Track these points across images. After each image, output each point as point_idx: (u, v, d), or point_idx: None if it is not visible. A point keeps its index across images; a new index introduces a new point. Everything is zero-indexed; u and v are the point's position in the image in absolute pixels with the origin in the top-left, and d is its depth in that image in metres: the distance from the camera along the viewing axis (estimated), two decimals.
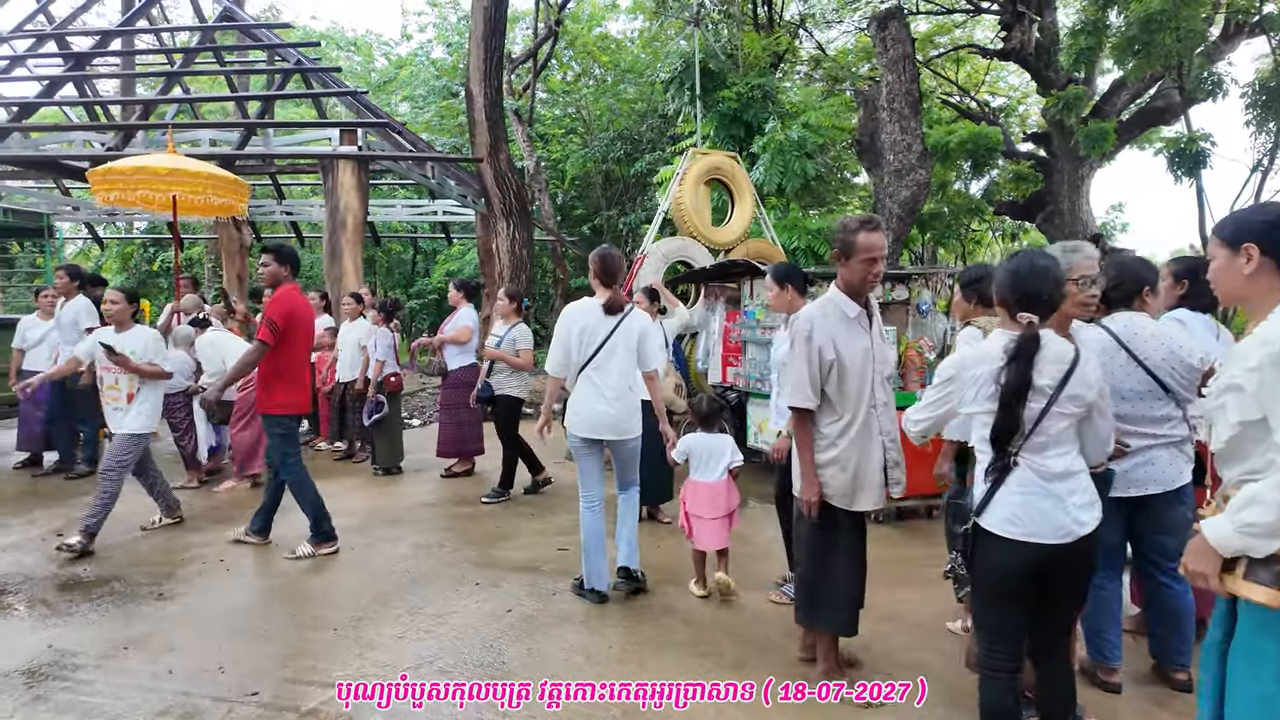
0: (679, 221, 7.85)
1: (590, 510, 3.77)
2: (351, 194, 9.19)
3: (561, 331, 3.69)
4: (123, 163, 5.39)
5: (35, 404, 6.37)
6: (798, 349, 2.70)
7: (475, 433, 6.53)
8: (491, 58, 8.79)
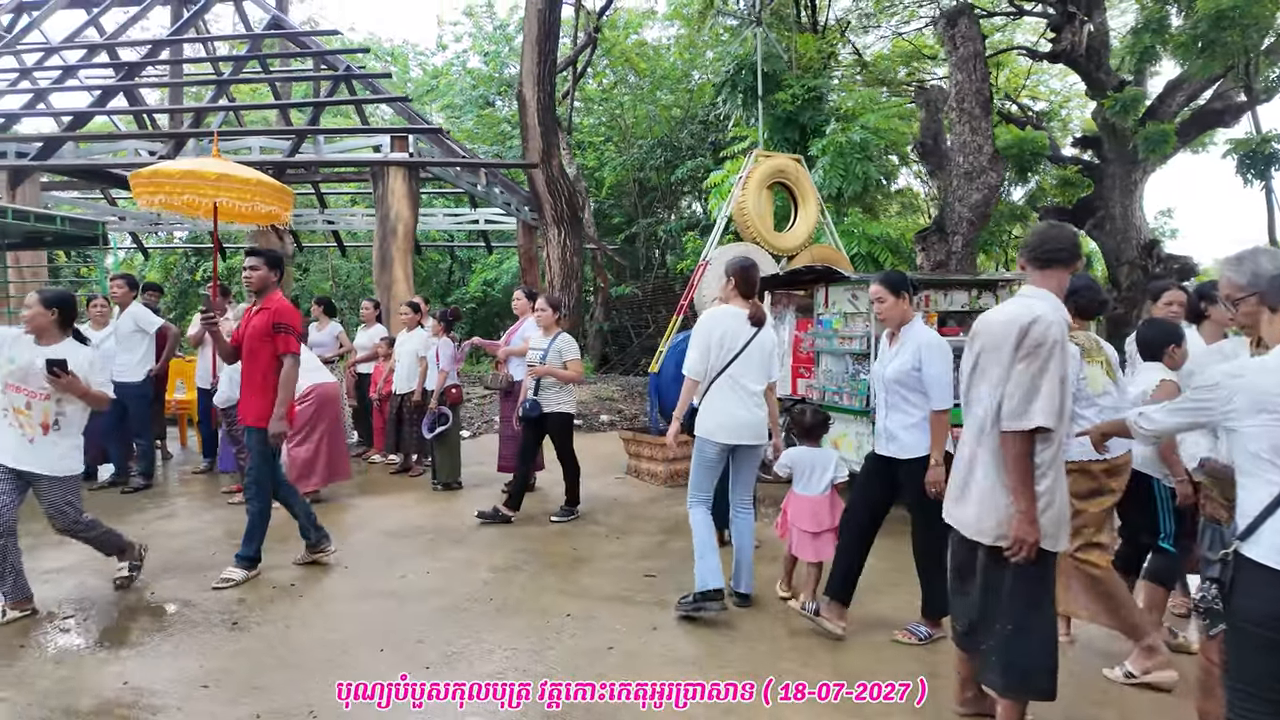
0: (741, 226, 7.55)
1: (704, 508, 3.73)
2: (402, 201, 9.03)
3: (703, 335, 3.68)
4: (170, 166, 5.16)
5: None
6: (1055, 361, 2.29)
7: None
8: (545, 61, 8.58)
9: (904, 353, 3.27)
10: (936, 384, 3.20)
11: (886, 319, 3.38)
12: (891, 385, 3.32)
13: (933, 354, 3.22)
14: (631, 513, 5.65)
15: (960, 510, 2.49)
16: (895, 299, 3.32)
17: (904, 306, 3.33)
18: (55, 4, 12.07)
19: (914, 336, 3.30)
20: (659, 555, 4.59)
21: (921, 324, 3.36)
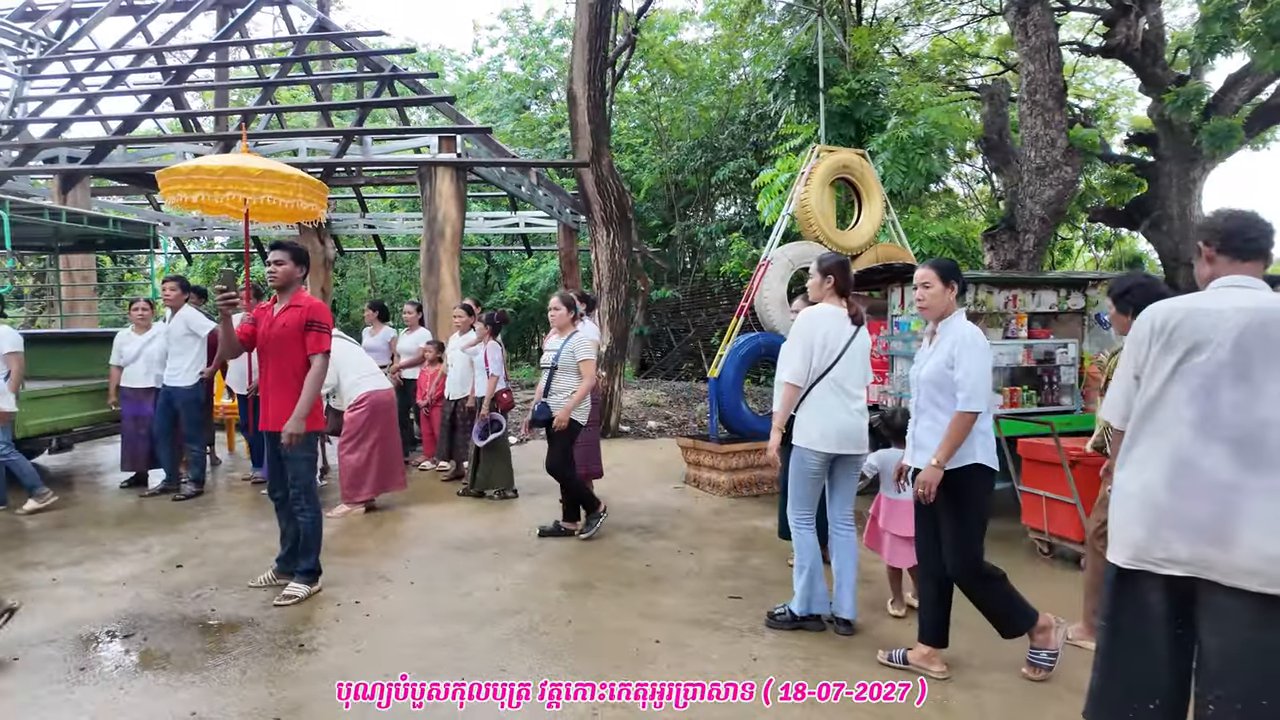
0: (804, 224, 7.22)
1: (810, 528, 3.43)
2: (450, 203, 8.85)
3: (804, 337, 3.38)
4: (212, 162, 4.96)
5: (137, 421, 6.11)
6: None
7: (596, 454, 6.01)
8: (596, 58, 8.35)
9: (940, 350, 2.93)
10: (969, 382, 2.81)
11: (929, 309, 3.00)
12: (925, 386, 2.98)
13: (969, 350, 2.84)
14: (700, 526, 5.35)
15: (1226, 554, 1.81)
16: (943, 287, 2.97)
17: (949, 298, 2.98)
18: (104, 11, 12.18)
19: (951, 331, 2.94)
20: (739, 574, 4.29)
21: (962, 319, 2.99)
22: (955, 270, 3.03)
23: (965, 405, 2.81)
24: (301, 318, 3.76)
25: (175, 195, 5.03)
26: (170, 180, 4.98)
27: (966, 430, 2.83)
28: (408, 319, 7.66)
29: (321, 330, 3.79)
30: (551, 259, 17.53)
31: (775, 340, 6.89)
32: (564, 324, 5.04)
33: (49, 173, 8.55)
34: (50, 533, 5.10)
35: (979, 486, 2.91)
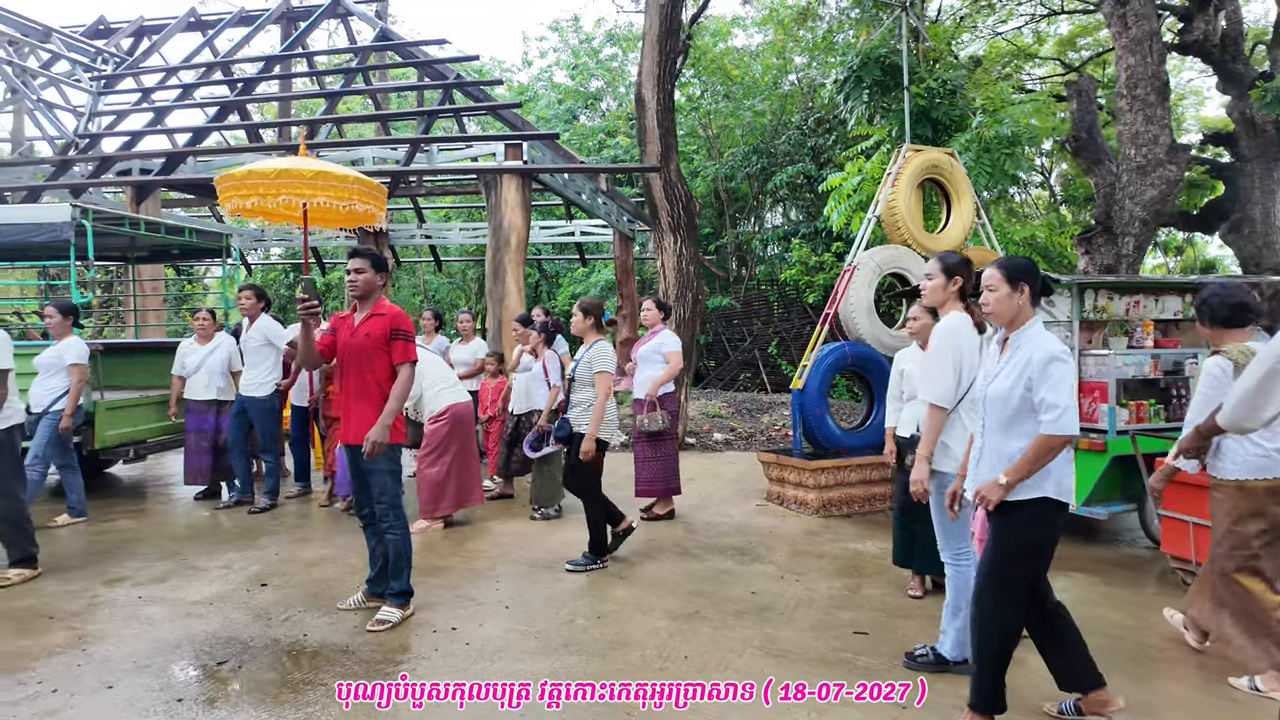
0: (891, 227, 6.86)
1: (970, 563, 3.08)
2: (515, 211, 8.70)
3: (954, 352, 2.99)
4: (264, 165, 4.73)
5: (198, 435, 6.00)
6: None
7: (675, 468, 5.72)
8: (666, 60, 8.13)
9: (1013, 364, 2.55)
10: (1058, 401, 2.42)
11: (995, 314, 2.62)
12: (993, 405, 2.60)
13: (1052, 367, 2.44)
14: (795, 548, 5.01)
15: None
16: (1010, 290, 2.57)
17: (1018, 303, 2.58)
18: (174, 27, 12.43)
19: (1026, 344, 2.55)
20: (856, 604, 3.95)
21: (1039, 329, 2.58)
22: (1027, 271, 2.60)
23: (1055, 427, 2.41)
24: (386, 326, 3.60)
25: (231, 202, 4.81)
26: (226, 187, 4.80)
27: (1051, 456, 2.45)
28: (462, 328, 7.34)
29: (408, 339, 3.64)
30: (603, 268, 17.36)
31: (862, 350, 6.54)
32: (583, 331, 4.71)
33: (124, 184, 8.65)
34: (128, 546, 5.01)
35: (1043, 523, 2.53)
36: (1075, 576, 4.37)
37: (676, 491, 5.79)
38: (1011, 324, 2.60)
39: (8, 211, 5.66)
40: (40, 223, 5.43)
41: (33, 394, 5.17)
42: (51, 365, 5.17)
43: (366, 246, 3.75)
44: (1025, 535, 2.53)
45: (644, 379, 5.64)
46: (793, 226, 16.14)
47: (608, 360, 4.53)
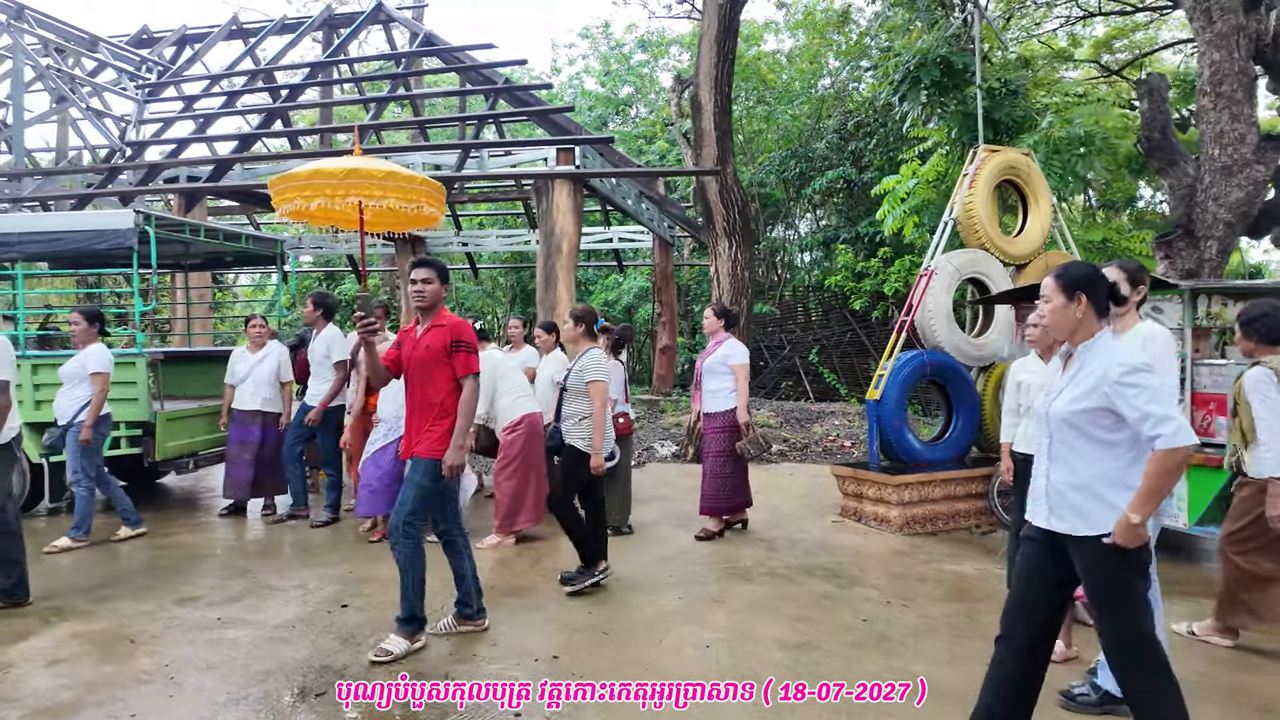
0: (968, 231, 6.59)
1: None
2: (567, 217, 8.53)
3: (1171, 360, 2.81)
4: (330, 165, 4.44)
5: (242, 447, 5.83)
6: None
7: (745, 482, 5.47)
8: (724, 61, 7.93)
9: (1082, 380, 2.29)
10: (1162, 410, 2.14)
11: (1051, 326, 2.39)
12: (1059, 426, 2.34)
13: (1142, 375, 2.17)
14: (891, 570, 4.74)
15: None
16: (1065, 300, 2.32)
17: (1076, 314, 2.31)
18: (216, 36, 12.43)
19: (1097, 356, 2.29)
20: (981, 633, 3.67)
21: (1109, 339, 2.33)
22: (1085, 280, 2.32)
23: (1174, 440, 2.10)
24: (446, 338, 3.41)
25: (290, 204, 4.45)
26: (286, 188, 4.45)
27: (1176, 476, 2.15)
28: (513, 335, 7.01)
29: (470, 351, 3.43)
30: (636, 275, 17.17)
31: (942, 359, 6.26)
32: (574, 339, 4.46)
33: (173, 191, 8.59)
34: (195, 562, 4.84)
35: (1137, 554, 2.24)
36: (1203, 602, 4.07)
37: (748, 504, 5.57)
38: (1073, 337, 2.35)
39: (71, 218, 5.56)
40: (104, 229, 5.32)
41: (57, 405, 5.00)
42: (75, 375, 4.97)
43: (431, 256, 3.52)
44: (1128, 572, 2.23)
45: (714, 393, 5.38)
46: (832, 232, 15.85)
47: (600, 369, 4.25)
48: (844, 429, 9.98)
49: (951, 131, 9.31)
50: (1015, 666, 2.38)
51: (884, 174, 14.87)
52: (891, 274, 12.06)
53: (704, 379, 5.46)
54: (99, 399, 4.91)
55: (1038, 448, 2.46)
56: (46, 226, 5.44)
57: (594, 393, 4.18)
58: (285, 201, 4.52)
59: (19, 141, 9.83)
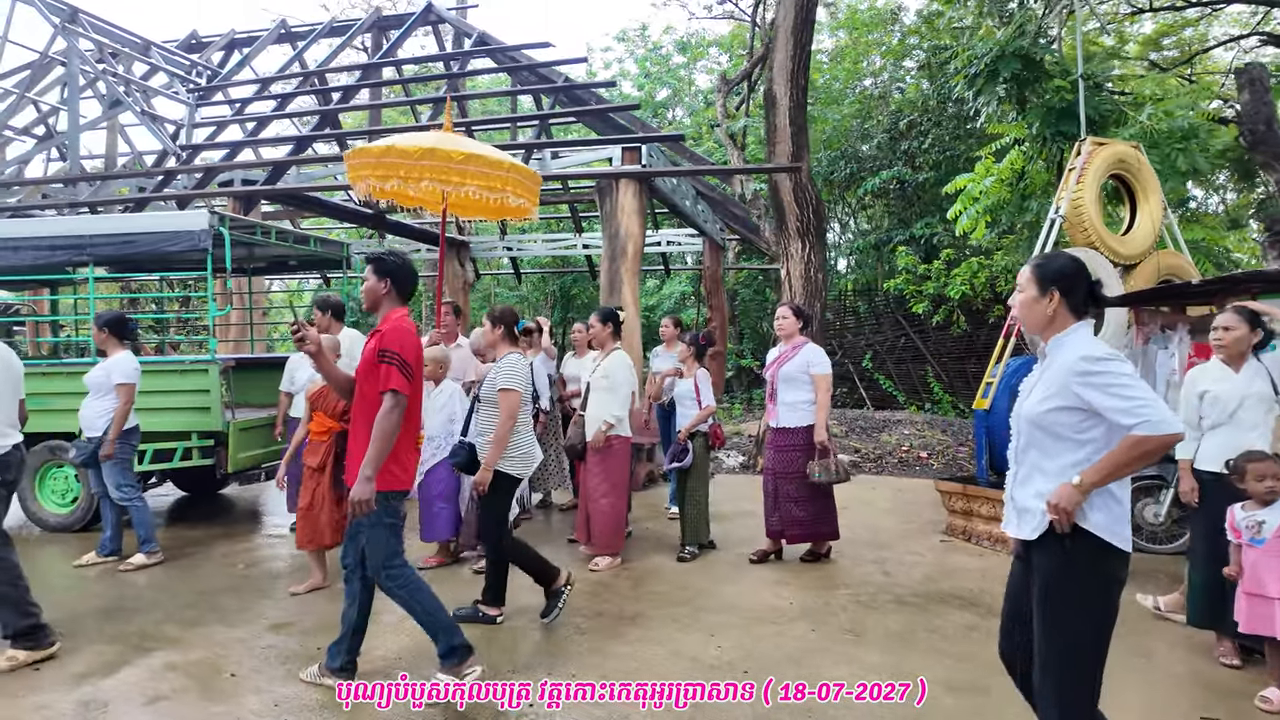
0: (1075, 228, 6.18)
1: None
2: (632, 218, 8.21)
3: None
4: (405, 142, 4.06)
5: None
6: None
7: (831, 508, 4.96)
8: (801, 53, 7.59)
9: (1049, 379, 2.13)
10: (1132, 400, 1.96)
11: (1021, 318, 2.25)
12: (1027, 427, 2.17)
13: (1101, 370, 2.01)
14: None
15: None
16: (1037, 293, 2.17)
17: (1048, 310, 2.16)
18: (265, 40, 12.32)
19: (1063, 352, 2.13)
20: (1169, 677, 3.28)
21: (1080, 335, 2.14)
22: (1061, 274, 2.16)
23: (1158, 427, 1.93)
24: (375, 345, 2.95)
25: (365, 180, 4.21)
26: (361, 163, 4.15)
27: (1147, 460, 1.99)
28: (577, 340, 6.58)
29: (393, 362, 2.89)
30: (676, 279, 16.82)
31: None
32: (493, 343, 3.94)
33: (228, 195, 8.42)
34: (271, 582, 4.57)
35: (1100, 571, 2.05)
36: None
37: (834, 535, 5.00)
38: (1044, 333, 2.21)
39: (143, 219, 5.35)
40: (177, 230, 5.08)
41: (82, 416, 4.75)
42: (101, 385, 4.71)
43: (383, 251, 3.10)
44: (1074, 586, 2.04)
45: (792, 405, 4.87)
46: (884, 234, 15.41)
47: (516, 376, 3.74)
48: (915, 438, 9.56)
49: (1032, 126, 8.87)
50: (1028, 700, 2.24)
51: (940, 173, 14.47)
52: (956, 276, 11.60)
53: (780, 389, 4.92)
54: (123, 411, 4.64)
55: (1010, 451, 2.28)
56: (119, 228, 5.23)
57: (503, 403, 3.69)
58: (360, 179, 4.22)
59: (74, 146, 9.74)
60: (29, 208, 9.32)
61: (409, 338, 2.97)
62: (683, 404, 5.25)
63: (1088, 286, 2.18)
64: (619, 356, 4.36)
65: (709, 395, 5.15)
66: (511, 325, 3.92)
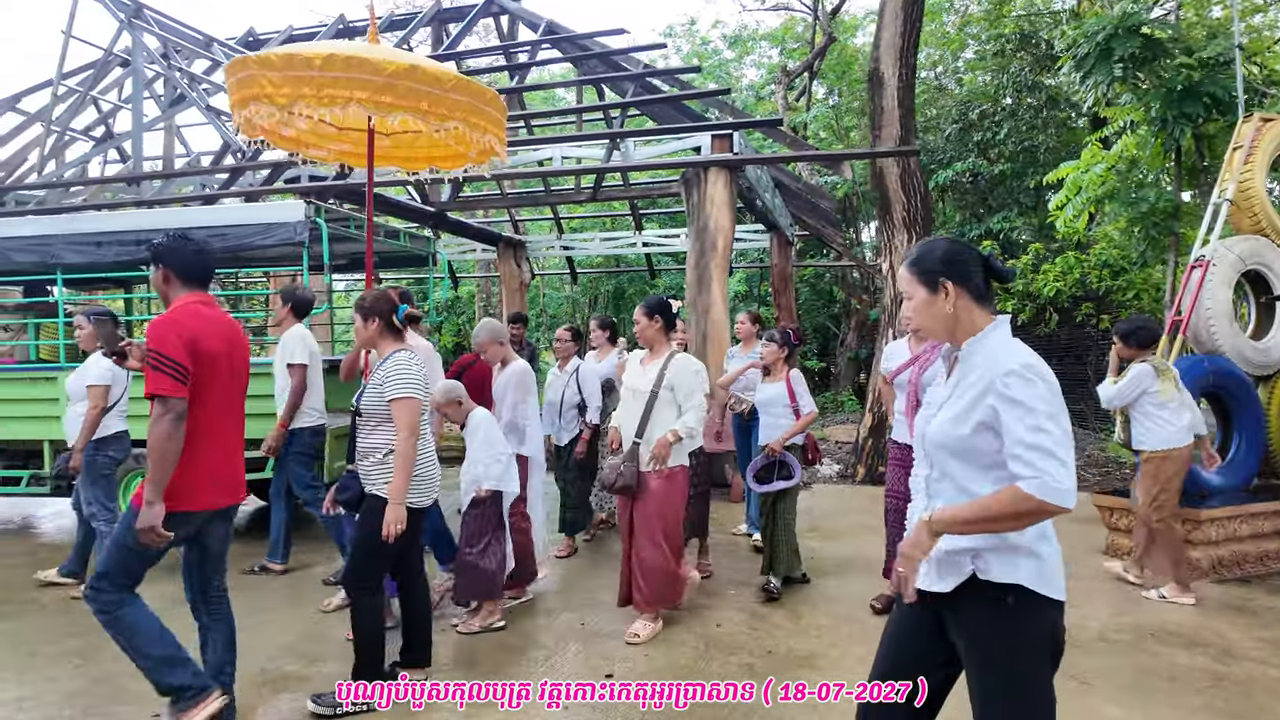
0: (1244, 213, 5.60)
1: None
2: (722, 210, 7.72)
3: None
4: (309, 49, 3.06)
5: None
6: None
7: None
8: (911, 30, 7.07)
9: (964, 390, 1.74)
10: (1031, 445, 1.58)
11: (923, 328, 1.85)
12: (936, 452, 1.79)
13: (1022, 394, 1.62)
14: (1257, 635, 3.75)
15: None
16: (928, 294, 1.80)
17: (946, 308, 1.78)
18: (324, 35, 12.05)
19: (983, 359, 1.73)
20: None
21: (999, 338, 1.75)
22: (945, 261, 1.78)
23: (1044, 491, 1.55)
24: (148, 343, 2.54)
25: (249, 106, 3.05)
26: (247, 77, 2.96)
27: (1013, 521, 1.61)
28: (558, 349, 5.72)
29: (157, 366, 2.47)
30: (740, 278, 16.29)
31: (1224, 366, 5.21)
32: (370, 340, 3.13)
33: (296, 191, 8.09)
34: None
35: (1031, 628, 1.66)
36: None
37: None
38: (954, 337, 1.80)
39: (237, 211, 5.01)
40: (272, 223, 4.72)
41: (66, 425, 4.41)
42: (78, 390, 4.32)
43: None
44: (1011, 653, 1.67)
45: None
46: (956, 229, 14.73)
47: (408, 379, 2.95)
48: None
49: (1151, 109, 8.22)
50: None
51: (1017, 165, 13.77)
52: (1048, 273, 10.92)
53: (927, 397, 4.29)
54: (92, 418, 4.19)
55: (913, 482, 1.92)
56: (211, 220, 4.87)
57: (398, 416, 2.90)
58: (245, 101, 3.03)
59: (138, 144, 9.52)
60: (93, 207, 9.11)
61: (174, 329, 2.52)
62: (768, 411, 4.56)
63: (983, 265, 1.79)
64: (684, 361, 3.61)
65: (808, 400, 4.49)
66: (389, 315, 3.07)
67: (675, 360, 3.70)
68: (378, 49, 3.16)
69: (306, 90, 2.85)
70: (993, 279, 1.80)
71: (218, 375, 2.61)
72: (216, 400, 2.61)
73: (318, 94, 2.84)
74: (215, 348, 2.60)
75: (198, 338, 2.54)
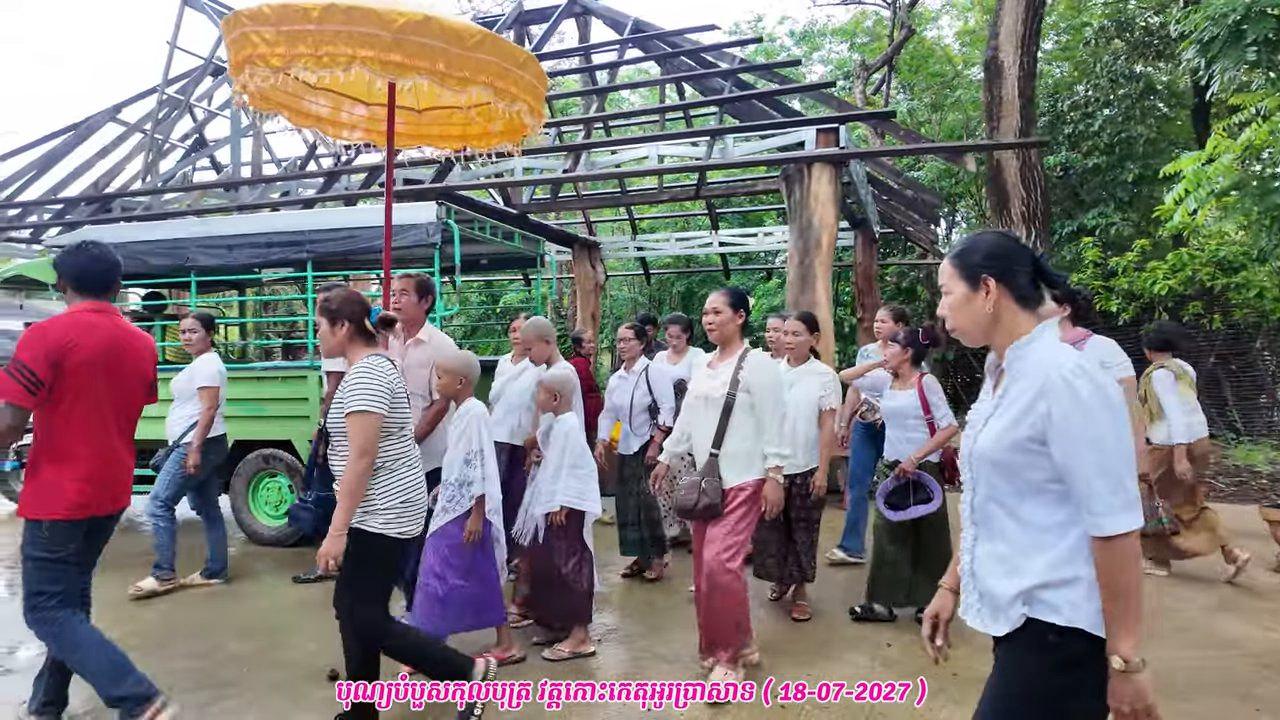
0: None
1: None
2: (826, 207, 7.50)
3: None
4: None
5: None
6: None
7: None
8: (1033, 17, 6.74)
9: (1012, 403, 1.55)
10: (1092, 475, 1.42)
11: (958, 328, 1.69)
12: (983, 467, 1.61)
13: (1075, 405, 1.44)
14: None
15: None
16: (968, 289, 1.64)
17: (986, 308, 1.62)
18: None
19: (1031, 367, 1.54)
20: None
21: (1048, 342, 1.57)
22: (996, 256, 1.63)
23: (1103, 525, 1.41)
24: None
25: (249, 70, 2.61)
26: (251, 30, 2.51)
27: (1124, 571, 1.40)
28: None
29: (14, 370, 2.51)
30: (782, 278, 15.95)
31: None
32: (337, 346, 2.80)
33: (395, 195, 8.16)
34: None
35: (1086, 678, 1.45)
36: None
37: None
38: (992, 340, 1.65)
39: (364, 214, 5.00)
40: (401, 224, 4.68)
41: (169, 424, 4.43)
42: (185, 390, 4.37)
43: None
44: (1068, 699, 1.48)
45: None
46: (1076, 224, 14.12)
47: (369, 391, 2.62)
48: None
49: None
50: None
51: (1113, 157, 13.14)
52: (1159, 270, 10.34)
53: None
54: (207, 418, 4.28)
55: (964, 506, 1.70)
56: (339, 222, 4.87)
57: (353, 433, 2.59)
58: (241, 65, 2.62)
59: (236, 150, 9.74)
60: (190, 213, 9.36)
61: (42, 340, 2.55)
62: (897, 424, 4.11)
63: (1032, 265, 1.62)
64: (760, 360, 3.13)
65: (945, 411, 4.02)
66: (360, 318, 2.77)
67: (750, 358, 3.19)
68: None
69: (303, 48, 2.40)
70: (1042, 282, 1.64)
71: (93, 383, 2.64)
72: (88, 408, 2.63)
73: (315, 52, 2.38)
74: (92, 356, 2.61)
75: (71, 348, 2.57)
